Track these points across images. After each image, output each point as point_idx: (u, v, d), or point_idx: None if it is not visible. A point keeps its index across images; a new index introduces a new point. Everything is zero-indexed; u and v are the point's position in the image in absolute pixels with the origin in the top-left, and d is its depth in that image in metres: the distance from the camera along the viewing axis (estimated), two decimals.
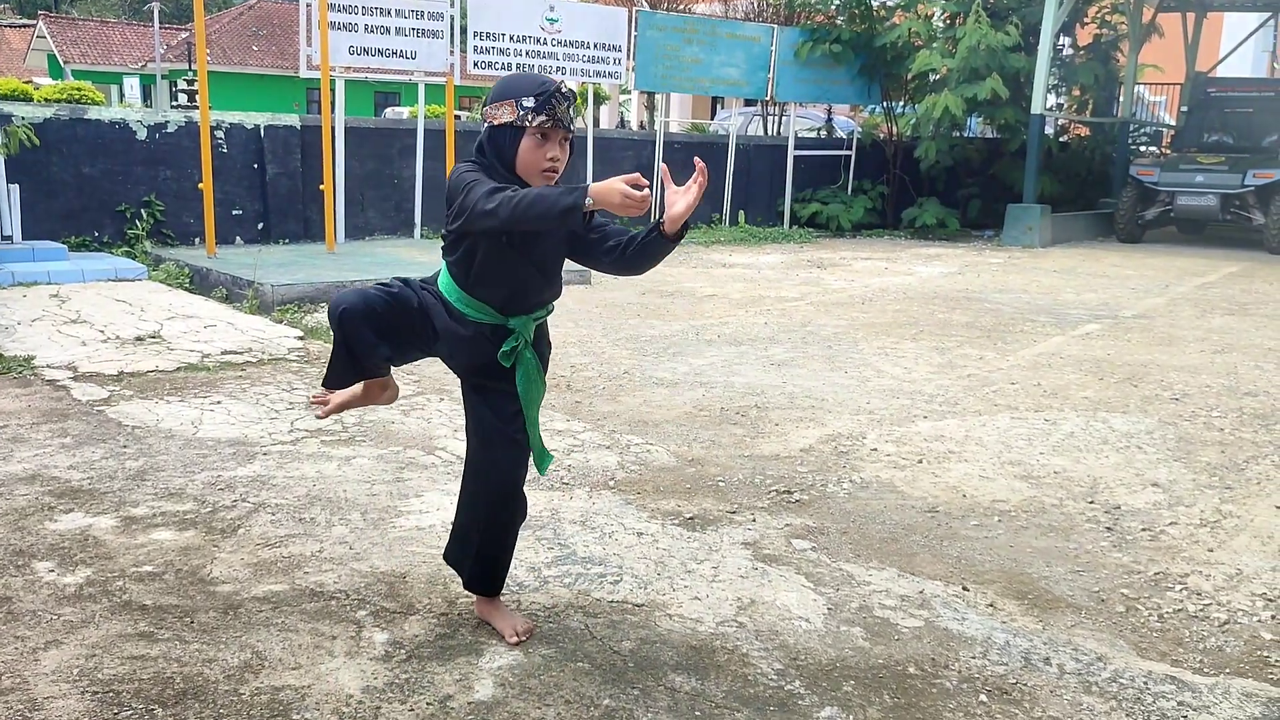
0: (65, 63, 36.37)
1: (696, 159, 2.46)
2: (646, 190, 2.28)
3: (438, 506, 3.77)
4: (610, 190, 2.28)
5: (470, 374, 2.76)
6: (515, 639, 2.78)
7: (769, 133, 17.18)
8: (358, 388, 2.85)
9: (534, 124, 2.49)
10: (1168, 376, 6.26)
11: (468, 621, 2.90)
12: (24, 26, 44.77)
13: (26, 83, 13.17)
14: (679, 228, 2.47)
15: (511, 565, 3.26)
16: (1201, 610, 3.18)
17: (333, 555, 3.32)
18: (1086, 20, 16.24)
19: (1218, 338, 7.59)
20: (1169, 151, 16.51)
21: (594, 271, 9.84)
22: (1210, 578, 3.41)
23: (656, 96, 15.77)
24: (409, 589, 3.09)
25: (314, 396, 2.95)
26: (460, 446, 4.44)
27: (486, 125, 2.57)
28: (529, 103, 2.48)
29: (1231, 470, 4.54)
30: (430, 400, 5.21)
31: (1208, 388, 6.00)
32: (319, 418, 2.95)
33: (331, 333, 2.71)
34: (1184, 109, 16.16)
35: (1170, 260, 12.71)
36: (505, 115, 2.51)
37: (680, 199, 2.43)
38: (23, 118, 9.14)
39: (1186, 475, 4.45)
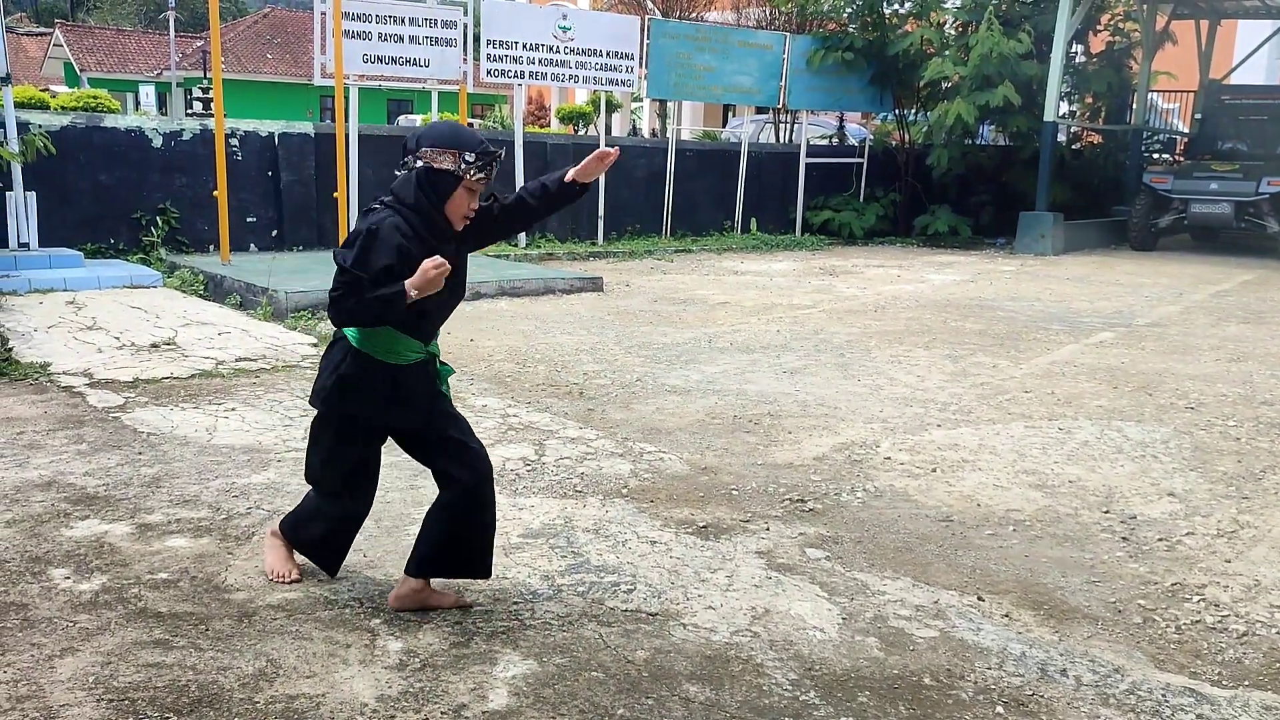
0: (81, 71, 36.66)
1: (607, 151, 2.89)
2: (443, 263, 2.64)
3: None
4: (424, 277, 2.63)
5: (422, 419, 2.94)
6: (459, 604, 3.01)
7: (781, 140, 17.19)
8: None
9: (473, 178, 2.74)
10: (1183, 385, 6.22)
11: (482, 630, 2.90)
12: (41, 35, 45.11)
13: (43, 91, 13.27)
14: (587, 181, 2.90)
15: (525, 574, 3.27)
16: (1220, 622, 3.15)
17: (346, 563, 3.31)
18: (1099, 28, 16.20)
19: (1233, 346, 7.55)
20: (1182, 159, 16.45)
21: (606, 280, 9.87)
22: (1228, 589, 3.39)
23: (669, 104, 15.79)
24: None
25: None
26: None
27: (423, 164, 2.73)
28: (470, 158, 2.72)
29: (1248, 480, 4.51)
30: None
31: (1223, 396, 5.97)
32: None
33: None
34: (1197, 116, 16.10)
35: (1184, 268, 12.66)
36: (447, 163, 2.72)
37: (587, 169, 2.87)
38: (40, 126, 9.20)
39: (1203, 485, 4.42)
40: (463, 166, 2.71)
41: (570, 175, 2.88)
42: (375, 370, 2.84)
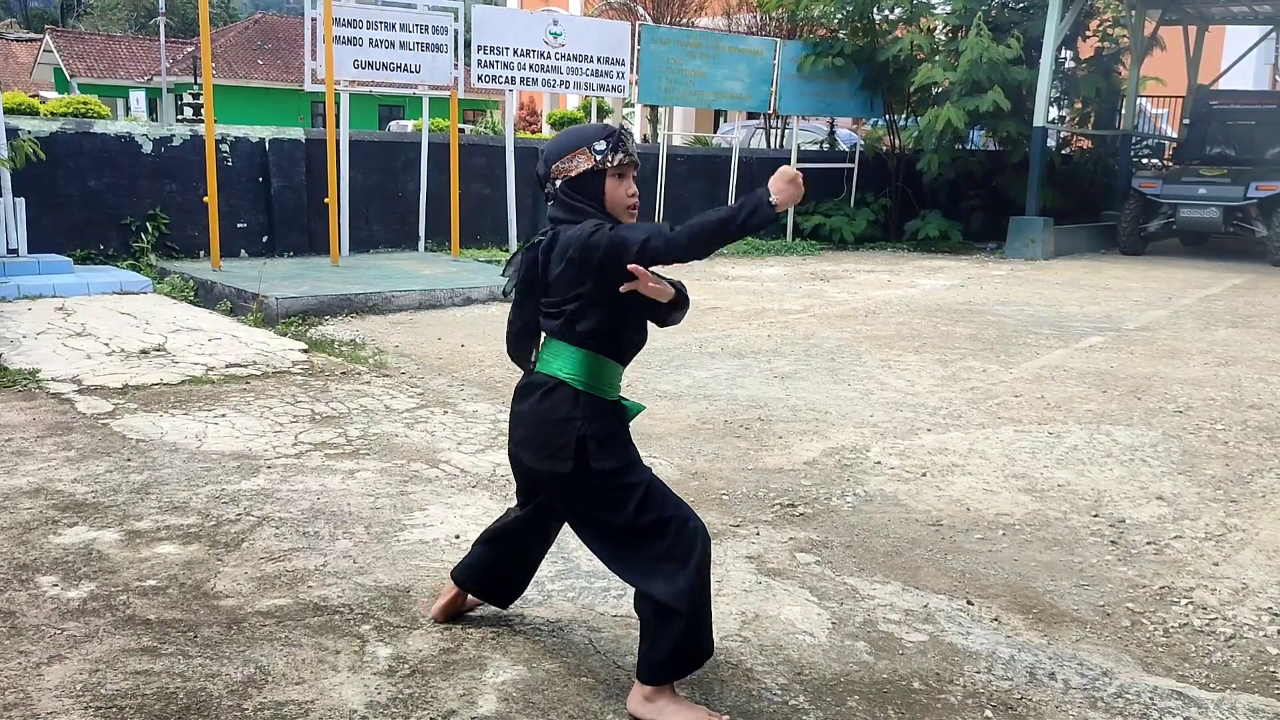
0: (71, 76, 36.56)
1: None
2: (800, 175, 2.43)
3: (441, 520, 3.77)
4: (782, 180, 2.42)
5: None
6: None
7: (772, 145, 17.22)
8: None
9: (614, 163, 2.54)
10: (1171, 389, 6.25)
11: (471, 636, 2.90)
12: (31, 40, 45.02)
13: (33, 96, 13.24)
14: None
15: None
16: (1207, 625, 3.17)
17: (336, 569, 3.32)
18: (1088, 33, 16.27)
19: (1221, 350, 7.58)
20: (1171, 164, 16.53)
21: None
22: (1216, 592, 3.40)
23: (660, 110, 15.82)
24: (413, 603, 3.09)
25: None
26: (464, 459, 4.45)
27: (561, 181, 2.55)
28: (601, 145, 2.54)
29: (1236, 483, 4.53)
30: (434, 414, 5.22)
31: (1212, 400, 5.99)
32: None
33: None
34: (1186, 122, 16.18)
35: (1173, 272, 12.71)
36: (582, 164, 2.53)
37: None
38: (29, 131, 9.17)
39: (1191, 489, 4.44)
40: (598, 158, 2.53)
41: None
42: (608, 410, 2.60)
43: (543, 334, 2.64)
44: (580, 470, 2.52)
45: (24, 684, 2.56)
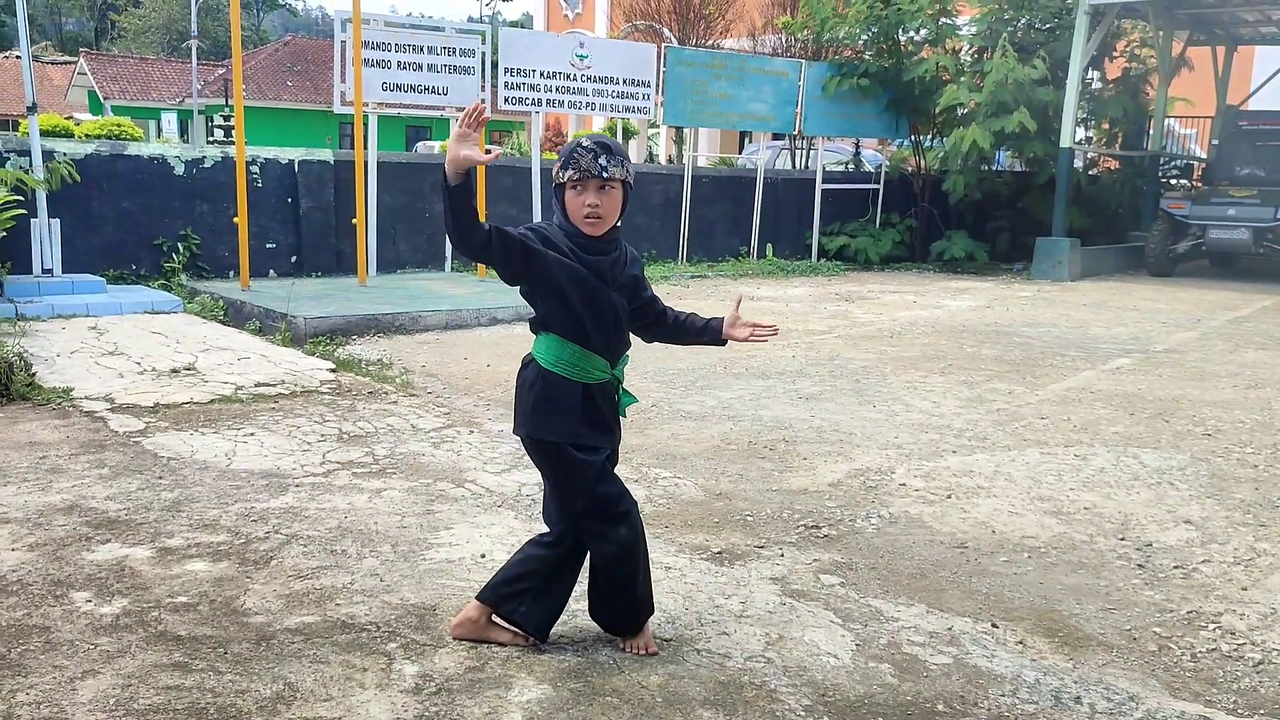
0: (105, 99, 37.10)
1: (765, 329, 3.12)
2: (477, 104, 2.75)
3: (467, 539, 3.80)
4: (450, 149, 2.67)
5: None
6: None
7: (797, 166, 17.25)
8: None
9: (563, 179, 2.82)
10: (1200, 412, 6.20)
11: (497, 655, 2.92)
12: (65, 63, 45.78)
13: (67, 118, 13.47)
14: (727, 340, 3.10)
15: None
16: (1235, 650, 3.14)
17: (364, 587, 3.35)
18: (1115, 54, 16.23)
19: (1251, 373, 7.51)
20: (1200, 185, 16.41)
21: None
22: (1244, 617, 3.38)
23: (685, 131, 15.89)
24: (439, 621, 3.11)
25: None
26: (489, 479, 4.49)
27: (554, 187, 2.91)
28: (560, 161, 2.84)
29: (1266, 507, 4.49)
30: (460, 433, 5.26)
31: (1241, 423, 5.94)
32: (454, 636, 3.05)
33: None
34: (1215, 142, 16.08)
35: (1202, 294, 12.61)
36: (558, 176, 2.84)
37: (743, 331, 3.08)
38: (64, 154, 9.34)
39: (1220, 512, 4.41)
40: (556, 174, 2.83)
41: (725, 331, 3.08)
42: (566, 388, 2.89)
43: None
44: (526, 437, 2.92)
45: (59, 698, 2.61)
